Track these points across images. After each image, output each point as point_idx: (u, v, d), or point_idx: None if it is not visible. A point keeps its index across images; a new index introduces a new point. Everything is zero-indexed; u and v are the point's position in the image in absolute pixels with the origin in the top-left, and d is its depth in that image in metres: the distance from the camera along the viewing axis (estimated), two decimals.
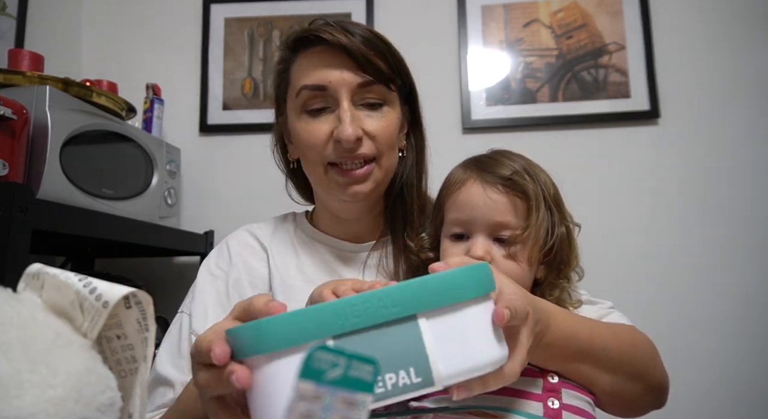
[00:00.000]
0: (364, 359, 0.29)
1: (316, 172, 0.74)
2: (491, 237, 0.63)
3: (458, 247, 0.64)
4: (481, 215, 0.62)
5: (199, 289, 0.77)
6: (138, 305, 0.38)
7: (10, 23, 1.39)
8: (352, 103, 0.70)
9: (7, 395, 0.29)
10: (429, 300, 0.38)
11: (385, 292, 0.38)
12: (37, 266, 0.37)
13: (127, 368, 0.39)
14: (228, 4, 1.68)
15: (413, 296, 0.38)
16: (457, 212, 0.65)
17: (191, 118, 1.65)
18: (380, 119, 0.72)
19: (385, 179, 0.76)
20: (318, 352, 0.27)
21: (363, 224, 0.80)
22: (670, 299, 1.44)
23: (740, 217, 1.47)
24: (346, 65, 0.69)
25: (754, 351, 1.41)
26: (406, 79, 0.78)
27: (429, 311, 0.38)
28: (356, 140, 0.69)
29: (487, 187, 0.63)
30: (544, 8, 1.61)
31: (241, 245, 0.81)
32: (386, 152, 0.73)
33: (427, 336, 0.38)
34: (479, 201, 0.63)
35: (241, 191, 1.60)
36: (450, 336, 0.38)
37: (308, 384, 0.27)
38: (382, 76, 0.71)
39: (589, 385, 0.58)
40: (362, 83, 0.70)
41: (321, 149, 0.71)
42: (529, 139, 1.57)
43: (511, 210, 0.62)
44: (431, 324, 0.38)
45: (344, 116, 0.69)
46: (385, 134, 0.72)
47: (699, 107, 1.52)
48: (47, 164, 0.99)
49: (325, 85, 0.70)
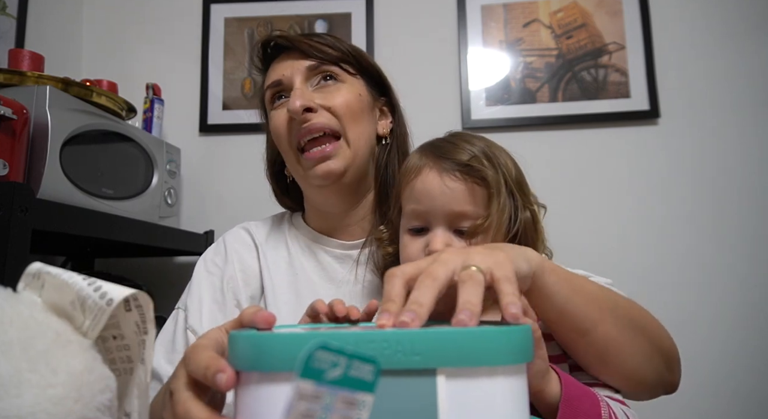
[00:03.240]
0: (365, 358, 0.29)
1: (290, 161, 0.77)
2: (451, 229, 0.59)
3: (417, 242, 0.61)
4: (440, 205, 0.59)
5: (195, 285, 0.78)
6: (138, 308, 0.38)
7: (10, 23, 1.39)
8: (308, 85, 0.75)
9: (7, 394, 0.29)
10: (454, 356, 0.32)
11: (408, 335, 0.33)
12: (37, 265, 0.37)
13: (122, 367, 0.39)
14: (228, 4, 1.68)
15: (438, 348, 0.32)
16: (414, 203, 0.61)
17: (191, 118, 1.65)
18: (335, 92, 0.74)
19: (357, 158, 0.75)
20: (318, 352, 0.27)
21: (353, 220, 0.80)
22: (670, 298, 1.44)
23: (740, 216, 1.47)
24: (295, 58, 0.76)
25: (754, 352, 1.41)
26: (369, 67, 0.80)
27: (452, 368, 0.33)
28: (306, 111, 0.72)
29: (444, 174, 0.59)
30: (544, 8, 1.61)
31: (237, 241, 0.82)
32: (350, 124, 0.74)
33: (443, 398, 0.32)
34: (436, 190, 0.59)
35: (241, 191, 1.60)
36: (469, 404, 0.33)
37: (308, 383, 0.27)
38: (330, 57, 0.75)
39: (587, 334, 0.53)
40: (311, 66, 0.75)
41: (285, 133, 0.75)
42: (529, 139, 1.57)
43: (470, 199, 0.59)
44: (451, 385, 0.32)
45: (293, 93, 0.73)
46: (341, 105, 0.73)
47: (699, 107, 1.53)
48: (47, 164, 0.99)
49: (280, 79, 0.76)
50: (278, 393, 0.32)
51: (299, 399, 0.27)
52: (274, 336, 0.34)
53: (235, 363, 0.36)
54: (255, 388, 0.34)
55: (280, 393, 0.31)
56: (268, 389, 0.33)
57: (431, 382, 0.32)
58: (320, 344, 0.27)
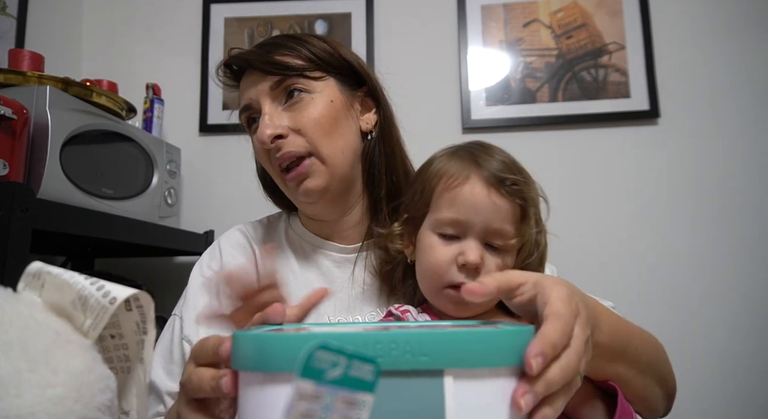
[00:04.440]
0: (365, 358, 0.29)
1: (278, 181, 0.77)
2: (482, 242, 0.59)
3: (449, 248, 0.60)
4: (481, 220, 0.58)
5: (191, 291, 0.77)
6: (139, 308, 0.38)
7: (10, 23, 1.39)
8: (275, 105, 0.73)
9: (7, 394, 0.29)
10: (461, 357, 0.33)
11: (416, 336, 0.33)
12: (37, 265, 0.37)
13: (119, 366, 0.39)
14: (228, 4, 1.68)
15: (445, 349, 0.32)
16: (454, 212, 0.60)
17: (191, 118, 1.65)
18: (303, 110, 0.71)
19: (336, 171, 0.73)
20: (318, 352, 0.27)
21: (349, 224, 0.79)
22: (670, 298, 1.44)
23: (741, 216, 1.47)
24: (257, 78, 0.73)
25: (754, 352, 1.41)
26: (338, 63, 0.76)
27: (459, 369, 0.33)
28: (276, 139, 0.70)
29: (491, 189, 0.59)
30: (544, 8, 1.61)
31: (232, 244, 0.81)
32: (321, 141, 0.71)
33: (450, 399, 0.32)
34: (482, 204, 0.58)
35: (241, 191, 1.60)
36: (476, 405, 0.33)
37: (308, 383, 0.27)
38: (290, 69, 0.72)
39: (624, 387, 0.54)
40: (273, 84, 0.72)
41: (266, 158, 0.74)
42: (528, 139, 1.57)
43: (510, 218, 0.59)
44: (458, 386, 0.32)
45: (261, 120, 0.72)
46: (310, 124, 0.71)
47: (699, 107, 1.52)
48: (47, 164, 0.99)
49: (248, 103, 0.74)
50: (281, 394, 0.31)
51: (299, 399, 0.27)
52: (276, 337, 0.34)
53: (239, 363, 0.36)
54: (259, 389, 0.34)
55: (283, 393, 0.31)
56: (271, 390, 0.33)
57: (439, 383, 0.32)
58: (320, 344, 0.27)
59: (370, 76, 0.79)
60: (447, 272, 0.59)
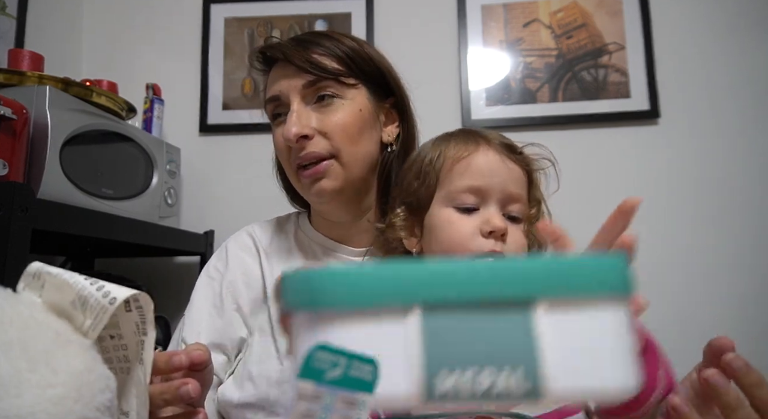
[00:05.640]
0: (365, 359, 0.29)
1: (292, 178, 0.77)
2: (502, 212, 0.58)
3: (470, 219, 0.57)
4: (499, 182, 0.57)
5: (196, 293, 0.79)
6: (138, 309, 0.38)
7: (10, 23, 1.39)
8: (304, 103, 0.72)
9: (7, 394, 0.29)
10: (554, 286, 0.30)
11: (499, 265, 0.30)
12: (36, 265, 0.37)
13: (118, 366, 0.39)
14: (228, 4, 1.68)
15: (535, 276, 0.30)
16: (471, 179, 0.57)
17: (191, 118, 1.65)
18: (332, 113, 0.72)
19: (352, 176, 0.73)
20: (318, 352, 0.27)
21: (361, 228, 0.79)
22: (670, 297, 1.44)
23: (741, 216, 1.47)
24: (291, 73, 0.73)
25: (755, 352, 1.41)
26: (372, 71, 0.77)
27: (552, 299, 0.30)
28: (301, 139, 0.71)
29: (503, 155, 0.58)
30: (544, 8, 1.61)
31: (239, 246, 0.82)
32: (345, 147, 0.72)
33: (544, 332, 0.29)
34: (499, 169, 0.57)
35: (241, 191, 1.60)
36: (569, 335, 0.30)
37: (308, 383, 0.27)
38: (327, 73, 0.72)
39: None
40: (307, 83, 0.72)
41: (285, 154, 0.75)
42: (529, 139, 1.54)
43: (523, 184, 0.59)
44: (551, 318, 0.29)
45: (289, 117, 0.71)
46: (337, 129, 0.71)
47: (699, 107, 1.52)
48: (47, 164, 0.99)
49: (277, 95, 0.74)
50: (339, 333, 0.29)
51: (299, 399, 0.27)
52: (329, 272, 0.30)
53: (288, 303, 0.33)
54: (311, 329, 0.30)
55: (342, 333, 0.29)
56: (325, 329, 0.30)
57: (528, 315, 0.30)
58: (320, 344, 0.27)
59: (399, 87, 0.81)
60: (472, 242, 0.57)
